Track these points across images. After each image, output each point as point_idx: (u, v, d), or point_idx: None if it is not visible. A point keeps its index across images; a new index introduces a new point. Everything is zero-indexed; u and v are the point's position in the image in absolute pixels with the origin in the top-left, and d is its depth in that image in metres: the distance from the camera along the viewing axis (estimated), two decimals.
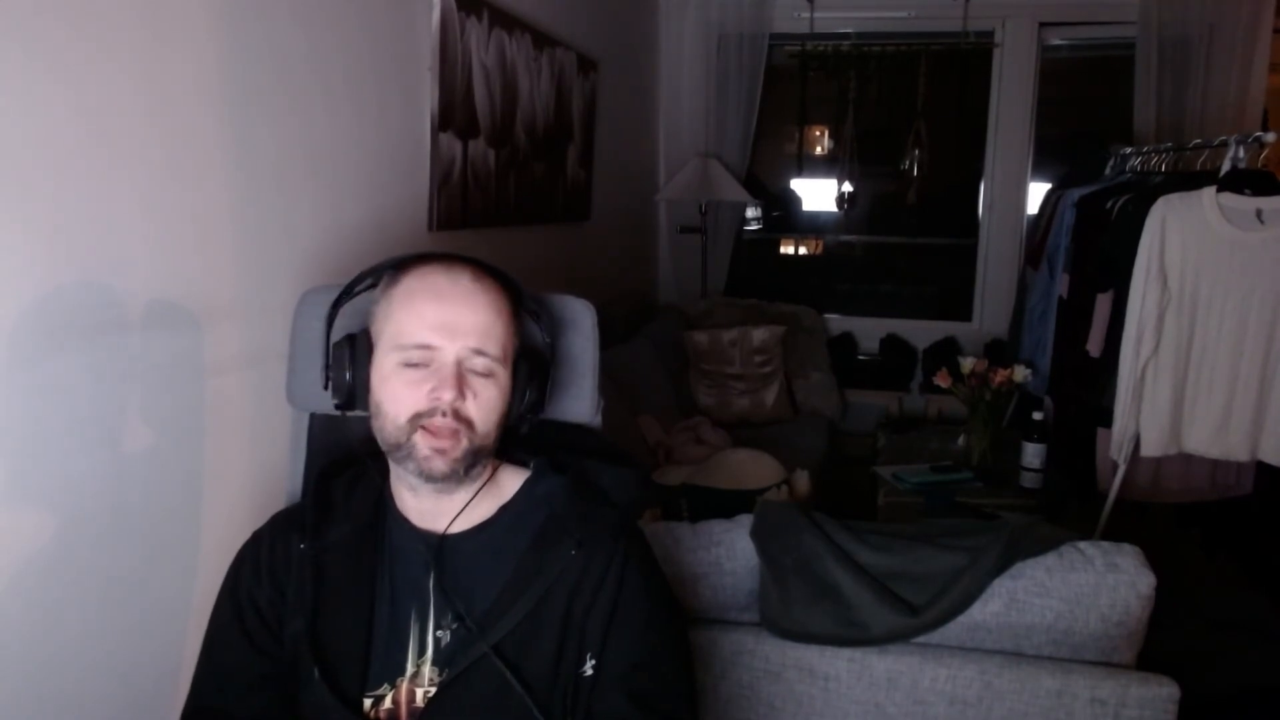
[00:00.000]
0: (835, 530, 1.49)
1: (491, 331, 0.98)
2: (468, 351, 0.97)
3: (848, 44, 4.15)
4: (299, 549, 1.04)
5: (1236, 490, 2.58)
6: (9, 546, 1.09)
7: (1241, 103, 3.65)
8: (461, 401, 0.96)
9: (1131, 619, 1.38)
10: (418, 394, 0.96)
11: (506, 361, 1.01)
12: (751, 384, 3.73)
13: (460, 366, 0.97)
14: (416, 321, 0.97)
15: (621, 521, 1.06)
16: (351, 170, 1.77)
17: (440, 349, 0.96)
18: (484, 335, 0.98)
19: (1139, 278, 2.29)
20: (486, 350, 0.98)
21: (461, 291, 0.98)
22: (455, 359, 0.96)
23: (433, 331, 0.97)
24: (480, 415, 0.98)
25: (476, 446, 0.98)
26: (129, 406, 1.25)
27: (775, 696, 1.48)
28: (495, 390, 0.99)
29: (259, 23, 1.46)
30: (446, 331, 0.96)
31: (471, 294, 0.99)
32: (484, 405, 0.98)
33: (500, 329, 1.00)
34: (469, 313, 0.98)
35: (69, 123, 1.12)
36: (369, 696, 1.01)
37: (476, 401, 0.97)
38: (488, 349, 0.98)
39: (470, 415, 0.97)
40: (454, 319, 0.97)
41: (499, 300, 1.01)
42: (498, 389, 0.99)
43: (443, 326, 0.97)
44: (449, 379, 0.95)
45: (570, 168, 3.08)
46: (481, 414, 0.98)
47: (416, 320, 0.97)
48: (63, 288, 1.13)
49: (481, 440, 0.99)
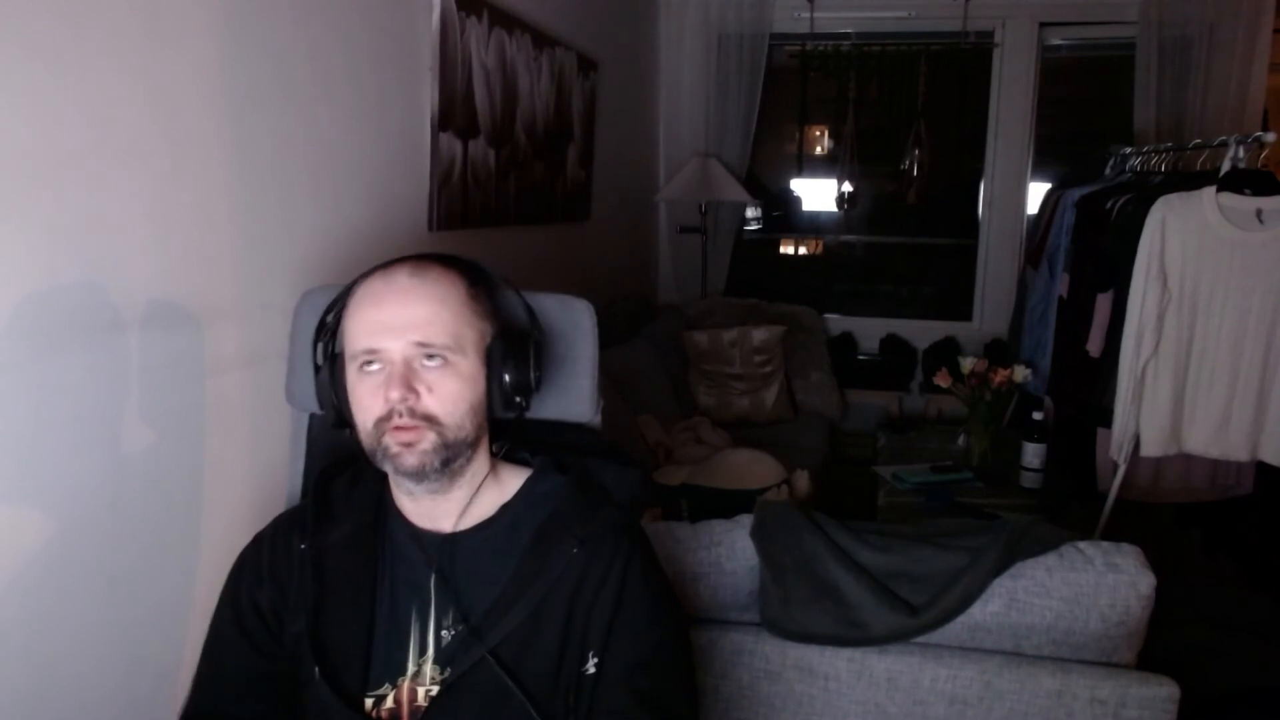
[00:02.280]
0: (835, 530, 1.49)
1: (435, 320, 0.97)
2: (412, 347, 0.96)
3: (848, 44, 4.15)
4: (300, 549, 1.04)
5: (1236, 490, 2.58)
6: (9, 546, 1.09)
7: (1241, 103, 3.65)
8: (415, 399, 0.95)
9: (1131, 619, 1.38)
10: (376, 400, 0.96)
11: (465, 348, 0.99)
12: (751, 384, 3.73)
13: (408, 364, 0.96)
14: (360, 329, 0.98)
15: (624, 520, 1.06)
16: (351, 170, 1.77)
17: (385, 350, 0.96)
18: (426, 326, 0.96)
19: (1139, 278, 2.29)
20: (431, 341, 0.96)
21: (397, 290, 0.98)
22: (401, 358, 0.96)
23: (374, 335, 0.96)
24: (443, 408, 0.97)
25: (449, 440, 0.97)
26: (129, 406, 1.25)
27: (775, 696, 1.48)
28: (455, 379, 0.98)
29: (259, 23, 1.46)
30: (387, 332, 0.96)
31: (408, 290, 0.98)
32: (445, 397, 0.97)
33: (447, 315, 0.98)
34: (406, 309, 0.97)
35: (69, 122, 1.12)
36: (370, 696, 1.01)
37: (435, 395, 0.97)
38: (432, 340, 0.96)
39: (430, 410, 0.96)
40: (391, 318, 0.96)
41: (441, 288, 0.99)
42: (458, 377, 0.98)
43: (383, 327, 0.96)
44: (396, 379, 0.95)
45: (570, 168, 3.08)
46: (444, 406, 0.97)
47: (360, 327, 0.98)
48: (63, 288, 1.13)
49: (454, 433, 0.98)
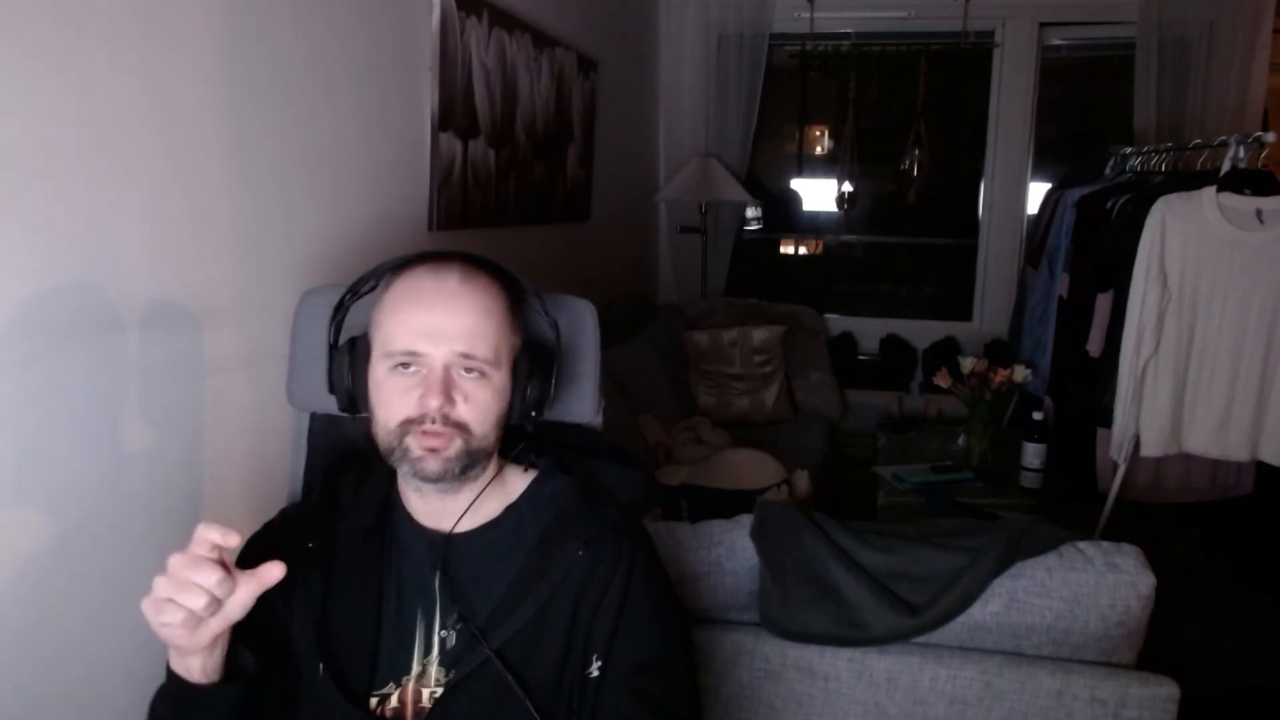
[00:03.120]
0: (835, 530, 1.49)
1: (480, 333, 0.96)
2: (455, 356, 0.95)
3: (848, 44, 4.15)
4: (307, 547, 1.04)
5: (1236, 490, 2.58)
6: (9, 546, 1.09)
7: (1241, 103, 3.65)
8: (451, 407, 0.95)
9: (1131, 619, 1.38)
10: (408, 400, 0.95)
11: (501, 361, 0.99)
12: (751, 384, 3.73)
13: (448, 372, 0.95)
14: (403, 328, 0.96)
15: (628, 522, 1.06)
16: (351, 170, 1.77)
17: (427, 355, 0.95)
18: (471, 338, 0.96)
19: (1139, 278, 2.29)
20: (475, 353, 0.96)
21: (447, 294, 0.96)
22: (443, 364, 0.95)
23: (418, 338, 0.95)
24: (474, 417, 0.97)
25: (473, 448, 0.97)
26: (129, 406, 1.25)
27: (775, 696, 1.48)
28: (489, 391, 0.98)
29: (259, 23, 1.46)
30: (432, 337, 0.95)
31: (457, 296, 0.97)
32: (478, 407, 0.97)
33: (491, 329, 0.97)
34: (454, 316, 0.96)
35: (69, 123, 1.12)
36: (374, 695, 1.01)
37: (469, 404, 0.96)
38: (476, 352, 0.96)
39: (463, 419, 0.96)
40: (439, 324, 0.95)
41: (489, 299, 0.99)
42: (491, 390, 0.98)
43: (428, 332, 0.95)
44: (436, 386, 0.94)
45: (570, 168, 3.08)
46: (475, 416, 0.97)
47: (402, 327, 0.96)
48: (62, 288, 1.13)
49: (479, 442, 0.98)
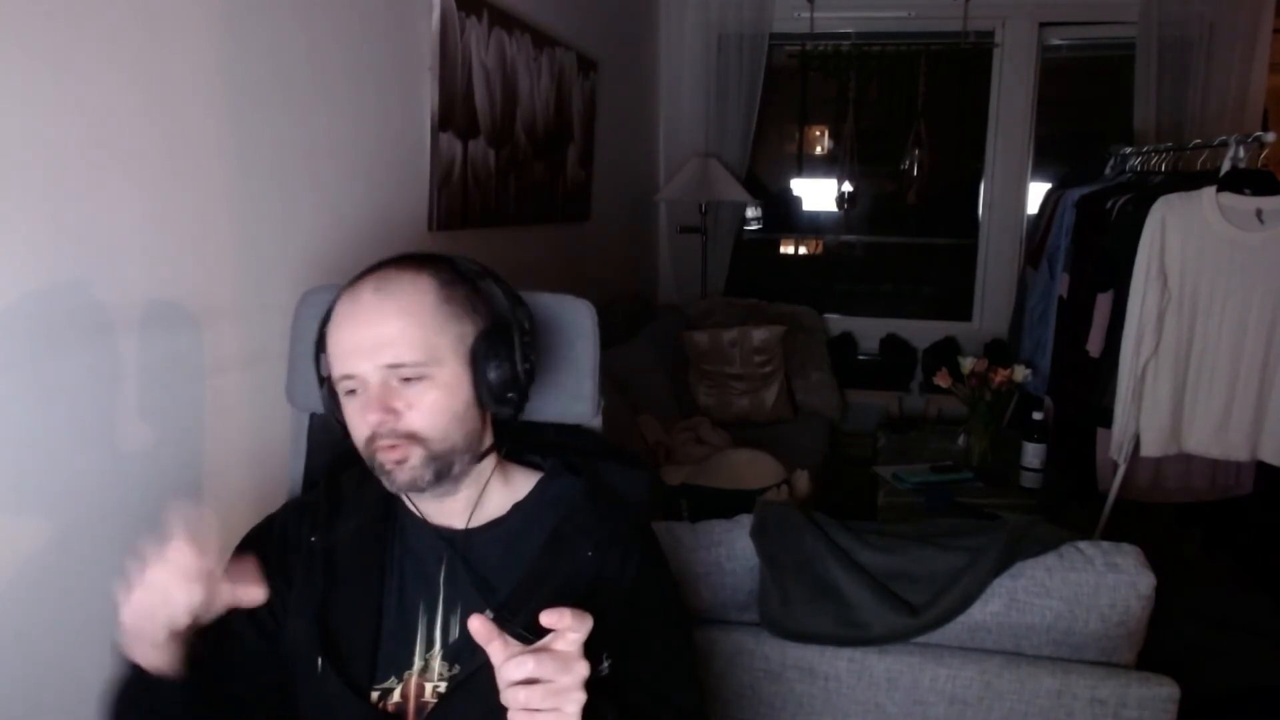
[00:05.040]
0: (835, 530, 1.49)
1: (402, 337, 0.95)
2: (384, 369, 0.95)
3: (848, 44, 4.15)
4: (309, 542, 1.03)
5: (1236, 490, 2.58)
6: (9, 546, 1.09)
7: (1241, 103, 3.65)
8: (395, 420, 0.94)
9: (1131, 619, 1.38)
10: (363, 421, 0.96)
11: (441, 357, 0.97)
12: (751, 384, 3.73)
13: (384, 386, 0.95)
14: (336, 352, 0.97)
15: (636, 523, 1.07)
16: (351, 170, 1.77)
17: (360, 373, 0.95)
18: (395, 345, 0.94)
19: (1139, 278, 2.29)
20: (402, 360, 0.94)
21: (363, 308, 0.96)
22: (376, 380, 0.95)
23: (348, 359, 0.96)
24: (425, 422, 0.95)
25: (435, 451, 0.96)
26: (129, 406, 1.25)
27: (775, 696, 1.48)
28: (435, 392, 0.96)
29: (259, 23, 1.46)
30: (359, 355, 0.95)
31: (372, 308, 0.96)
32: (425, 411, 0.95)
33: (415, 329, 0.95)
34: (372, 329, 0.95)
35: (69, 122, 1.12)
36: (376, 689, 1.00)
37: (415, 410, 0.95)
38: (403, 358, 0.94)
39: (411, 428, 0.95)
40: (360, 340, 0.95)
41: (409, 299, 0.96)
42: (438, 389, 0.96)
43: (354, 351, 0.95)
44: (372, 403, 0.94)
45: (570, 168, 3.08)
46: (426, 420, 0.95)
47: (336, 350, 0.97)
48: (62, 287, 1.13)
49: (439, 445, 0.96)
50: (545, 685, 0.78)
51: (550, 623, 0.79)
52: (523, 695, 0.78)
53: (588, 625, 0.80)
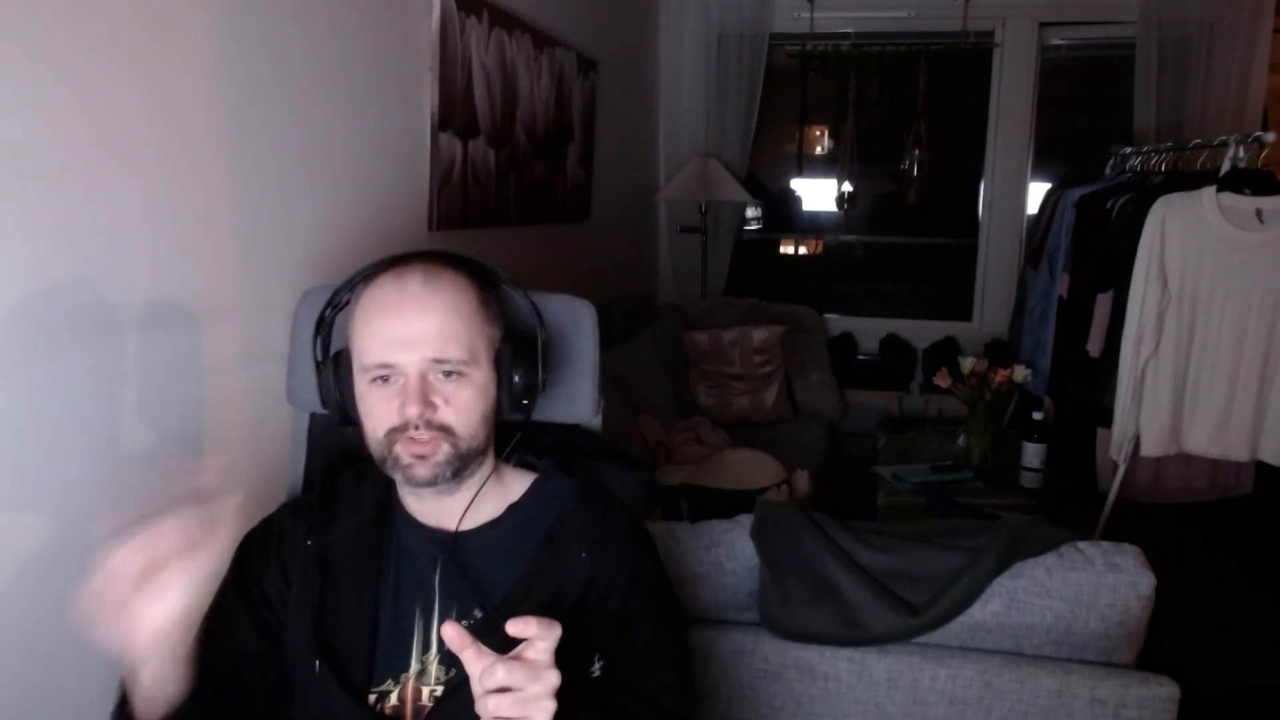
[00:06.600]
0: (835, 530, 1.49)
1: (450, 333, 0.95)
2: (428, 362, 0.95)
3: (848, 44, 4.15)
4: (306, 544, 1.03)
5: (1236, 490, 2.58)
6: (9, 546, 1.09)
7: (1241, 103, 3.65)
8: (432, 412, 0.95)
9: (1131, 619, 1.38)
10: (390, 411, 0.95)
11: (479, 358, 0.98)
12: (751, 384, 3.73)
13: (424, 379, 0.95)
14: (373, 341, 0.96)
15: (630, 525, 1.06)
16: (351, 170, 1.77)
17: (400, 364, 0.95)
18: (442, 341, 0.95)
19: (1139, 278, 2.29)
20: (448, 356, 0.95)
21: (411, 300, 0.96)
22: (417, 372, 0.94)
23: (389, 349, 0.95)
24: (458, 419, 0.96)
25: (462, 450, 0.97)
26: (129, 406, 1.25)
27: (775, 696, 1.48)
28: (469, 390, 0.97)
29: (259, 23, 1.46)
30: (402, 346, 0.94)
31: (422, 299, 0.95)
32: (460, 408, 0.96)
33: (461, 327, 0.96)
34: (422, 321, 0.95)
35: (69, 123, 1.12)
36: (373, 692, 1.00)
37: (451, 406, 0.96)
38: (449, 354, 0.95)
39: (446, 422, 0.95)
40: (407, 332, 0.94)
41: (456, 297, 0.97)
42: (473, 388, 0.97)
43: (397, 341, 0.95)
44: (413, 395, 0.94)
45: (570, 168, 3.08)
46: (460, 417, 0.96)
47: (373, 339, 0.96)
48: (63, 288, 1.13)
49: (467, 443, 0.97)
50: (514, 694, 0.79)
51: (516, 632, 0.79)
52: (492, 704, 0.79)
53: (555, 634, 0.80)
